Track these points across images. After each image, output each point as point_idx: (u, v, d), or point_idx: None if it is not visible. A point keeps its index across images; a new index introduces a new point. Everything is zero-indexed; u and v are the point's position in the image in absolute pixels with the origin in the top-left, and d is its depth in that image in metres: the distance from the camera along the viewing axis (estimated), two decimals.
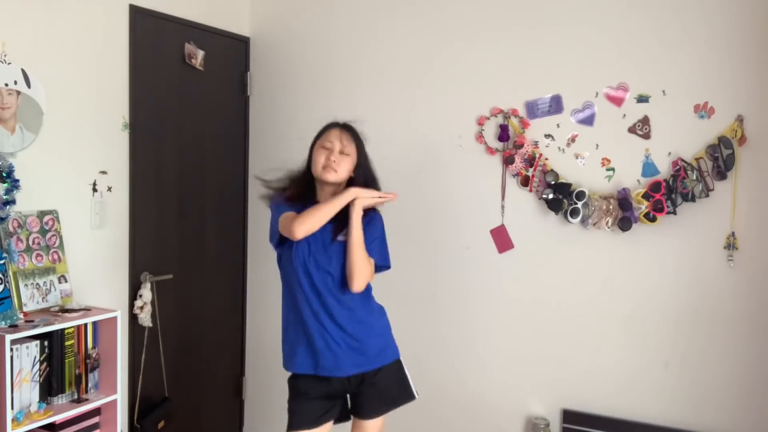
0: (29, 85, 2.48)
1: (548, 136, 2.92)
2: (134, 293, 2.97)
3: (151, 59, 3.01)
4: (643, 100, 2.75)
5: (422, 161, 3.15)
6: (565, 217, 2.87)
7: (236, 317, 3.64)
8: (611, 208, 2.79)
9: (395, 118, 3.20)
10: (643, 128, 2.76)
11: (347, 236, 2.26)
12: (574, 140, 2.88)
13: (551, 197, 2.87)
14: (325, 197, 2.33)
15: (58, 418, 2.34)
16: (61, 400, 2.40)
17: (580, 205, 2.82)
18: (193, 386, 3.36)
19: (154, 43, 3.03)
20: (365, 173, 2.36)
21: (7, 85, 2.41)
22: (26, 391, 2.27)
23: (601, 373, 2.87)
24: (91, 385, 2.51)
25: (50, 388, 2.37)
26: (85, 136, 2.72)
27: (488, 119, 3.03)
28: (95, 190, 2.79)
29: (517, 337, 3.02)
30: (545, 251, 2.95)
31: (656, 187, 2.69)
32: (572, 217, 2.84)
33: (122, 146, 2.91)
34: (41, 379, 2.33)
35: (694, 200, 2.66)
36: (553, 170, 2.89)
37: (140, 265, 3.01)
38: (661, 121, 2.73)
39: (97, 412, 2.55)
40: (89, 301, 2.71)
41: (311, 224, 2.20)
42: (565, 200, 2.85)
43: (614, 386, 2.84)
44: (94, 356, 2.50)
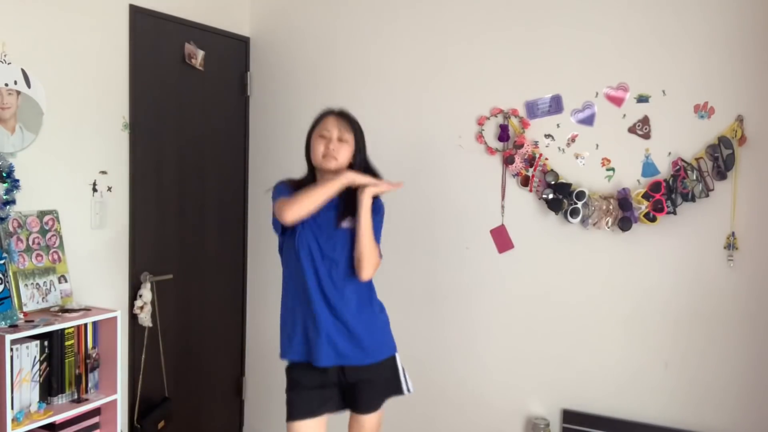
0: (29, 85, 2.48)
1: (548, 136, 2.92)
2: (134, 293, 2.97)
3: (151, 59, 3.01)
4: (643, 100, 2.75)
5: (422, 161, 3.15)
6: (565, 217, 2.87)
7: (236, 317, 3.64)
8: (611, 208, 2.79)
9: (395, 117, 3.20)
10: (643, 128, 2.76)
11: (354, 223, 2.26)
12: (574, 140, 2.88)
13: (551, 197, 2.87)
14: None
15: (58, 418, 2.34)
16: (61, 400, 2.40)
17: (580, 205, 2.82)
18: (193, 386, 3.36)
19: (154, 43, 3.03)
20: (364, 158, 2.36)
21: (7, 85, 2.41)
22: (26, 391, 2.27)
23: (601, 373, 2.87)
24: (91, 385, 2.51)
25: (50, 388, 2.37)
26: (85, 136, 2.72)
27: (488, 119, 3.03)
28: (95, 190, 2.79)
29: (517, 337, 3.02)
30: (545, 251, 2.95)
31: (656, 187, 2.69)
32: (572, 217, 2.84)
33: (122, 146, 2.91)
34: (41, 379, 2.33)
35: (694, 200, 2.65)
36: (553, 170, 2.89)
37: (140, 265, 3.01)
38: (661, 121, 2.73)
39: (97, 412, 2.55)
40: (89, 301, 2.71)
41: (301, 208, 2.16)
42: (565, 200, 2.85)
43: (614, 386, 2.84)
44: (94, 356, 2.50)
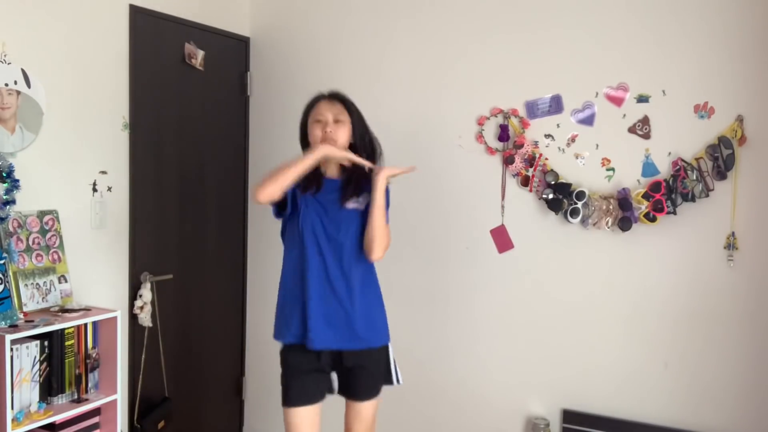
0: (29, 85, 2.48)
1: (548, 136, 2.92)
2: (134, 293, 2.97)
3: (151, 59, 3.01)
4: (643, 100, 2.75)
5: (422, 161, 3.14)
6: (565, 217, 2.87)
7: (236, 317, 3.64)
8: (611, 208, 2.79)
9: (396, 117, 3.20)
10: (643, 128, 2.76)
11: (360, 204, 2.27)
12: (574, 140, 2.88)
13: (551, 197, 2.87)
14: (331, 170, 2.34)
15: (58, 418, 2.34)
16: (61, 400, 2.40)
17: (580, 205, 2.82)
18: (193, 386, 3.36)
19: (154, 43, 3.03)
20: (363, 135, 2.36)
21: (7, 85, 2.41)
22: (26, 391, 2.27)
23: (601, 373, 2.87)
24: (91, 385, 2.51)
25: (50, 388, 2.37)
26: (85, 136, 2.72)
27: (488, 119, 3.03)
28: (95, 190, 2.79)
29: (517, 337, 3.02)
30: (545, 251, 2.95)
31: (656, 187, 2.69)
32: (572, 217, 2.84)
33: (122, 146, 2.91)
34: (41, 379, 2.33)
35: (694, 200, 2.65)
36: (553, 170, 2.89)
37: (140, 265, 3.01)
38: (661, 121, 2.73)
39: (97, 412, 2.54)
40: (89, 301, 2.71)
41: (274, 186, 2.15)
42: (565, 200, 2.85)
43: (614, 386, 2.84)
44: (94, 356, 2.50)
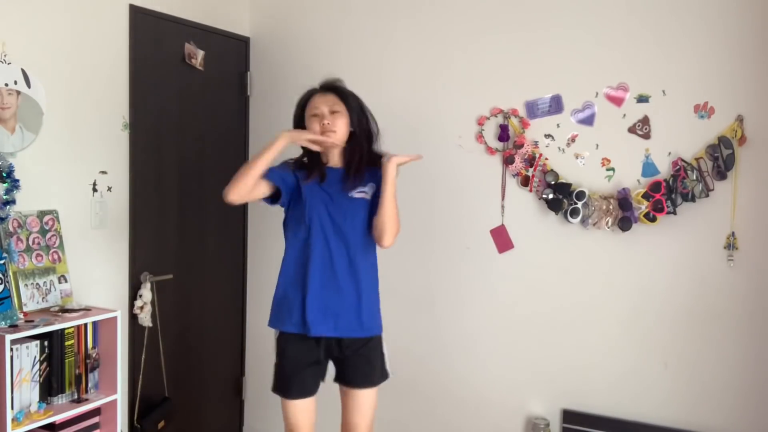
0: (29, 85, 2.48)
1: (548, 136, 2.92)
2: (134, 293, 2.97)
3: (151, 59, 3.01)
4: (643, 100, 2.75)
5: (422, 161, 3.14)
6: (565, 217, 2.87)
7: (236, 317, 3.64)
8: (611, 208, 2.79)
9: (396, 117, 3.19)
10: (643, 128, 2.76)
11: (365, 194, 2.30)
12: (574, 140, 2.88)
13: (551, 197, 2.87)
14: (335, 160, 2.36)
15: (58, 418, 2.34)
16: (61, 400, 2.40)
17: (580, 205, 2.82)
18: (193, 386, 3.36)
19: (154, 43, 3.03)
20: (362, 123, 2.38)
21: (7, 85, 2.41)
22: (26, 391, 2.27)
23: (601, 372, 2.87)
24: (91, 385, 2.51)
25: (50, 388, 2.37)
26: (85, 136, 2.72)
27: (488, 119, 3.03)
28: (95, 190, 2.79)
29: (517, 336, 3.02)
30: (545, 251, 2.95)
31: (656, 187, 2.69)
32: (572, 217, 2.84)
33: (122, 146, 2.91)
34: (41, 379, 2.33)
35: (694, 200, 2.65)
36: (553, 170, 2.89)
37: (140, 265, 3.01)
38: (661, 121, 2.73)
39: (97, 412, 2.54)
40: (89, 301, 2.71)
41: (242, 184, 2.19)
42: (565, 200, 2.85)
43: (614, 386, 2.84)
44: (94, 356, 2.50)
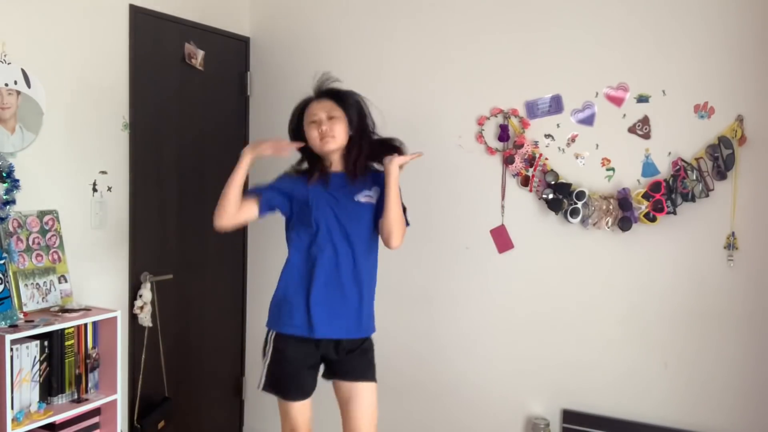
0: (29, 85, 2.48)
1: (548, 136, 2.92)
2: (134, 293, 2.97)
3: (151, 59, 3.01)
4: (643, 100, 2.75)
5: (422, 161, 3.13)
6: (565, 217, 2.87)
7: (236, 317, 3.64)
8: (611, 208, 2.79)
9: (395, 117, 3.19)
10: (643, 128, 2.76)
11: (370, 198, 2.32)
12: (574, 140, 2.88)
13: (551, 197, 2.87)
14: (336, 164, 2.37)
15: (58, 418, 2.34)
16: (61, 400, 2.40)
17: (580, 205, 2.82)
18: (193, 386, 3.36)
19: (154, 43, 3.03)
20: (363, 121, 2.38)
21: (7, 85, 2.41)
22: (26, 391, 2.27)
23: (601, 373, 2.87)
24: (91, 385, 2.51)
25: (50, 388, 2.37)
26: (85, 136, 2.72)
27: (488, 119, 3.03)
28: (95, 190, 2.79)
29: (517, 336, 3.02)
30: (545, 251, 2.95)
31: (656, 187, 2.69)
32: (572, 217, 2.84)
33: (122, 146, 2.91)
34: (41, 379, 2.33)
35: (694, 200, 2.65)
36: (553, 170, 2.89)
37: (140, 265, 3.01)
38: (661, 121, 2.73)
39: (97, 412, 2.54)
40: (89, 301, 2.71)
41: (223, 211, 2.27)
42: (565, 200, 2.85)
43: (614, 386, 2.84)
44: (94, 356, 2.50)
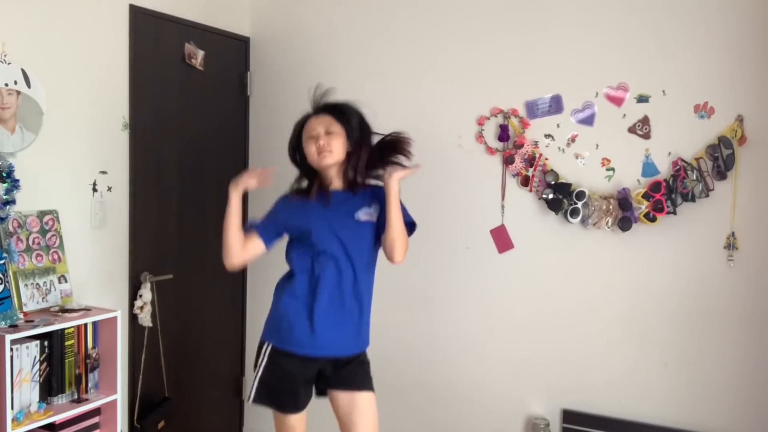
0: (29, 85, 2.48)
1: (548, 136, 2.92)
2: (134, 293, 2.97)
3: (151, 59, 3.01)
4: (643, 100, 2.75)
5: (422, 161, 3.13)
6: (565, 217, 2.87)
7: (236, 317, 3.64)
8: (611, 208, 2.79)
9: (396, 117, 3.19)
10: (643, 128, 2.76)
11: (370, 216, 2.32)
12: (574, 140, 2.88)
13: (551, 197, 2.87)
14: (336, 182, 2.36)
15: (58, 418, 2.34)
16: (61, 400, 2.40)
17: (580, 205, 2.82)
18: (193, 386, 3.36)
19: (154, 43, 3.03)
20: (360, 137, 2.36)
21: (7, 85, 2.41)
22: (26, 391, 2.27)
23: (601, 373, 2.87)
24: (91, 385, 2.51)
25: (50, 388, 2.37)
26: (85, 136, 2.73)
27: (488, 119, 3.03)
28: (95, 190, 2.79)
29: (517, 336, 3.02)
30: (545, 251, 2.95)
31: (656, 187, 2.69)
32: (572, 217, 2.84)
33: (122, 146, 2.91)
34: (41, 379, 2.33)
35: (694, 200, 2.65)
36: (553, 170, 2.89)
37: (140, 265, 3.01)
38: (661, 121, 2.73)
39: (97, 412, 2.55)
40: (89, 301, 2.71)
41: (229, 251, 2.36)
42: (565, 200, 2.85)
43: (614, 386, 2.84)
44: (94, 356, 2.50)
